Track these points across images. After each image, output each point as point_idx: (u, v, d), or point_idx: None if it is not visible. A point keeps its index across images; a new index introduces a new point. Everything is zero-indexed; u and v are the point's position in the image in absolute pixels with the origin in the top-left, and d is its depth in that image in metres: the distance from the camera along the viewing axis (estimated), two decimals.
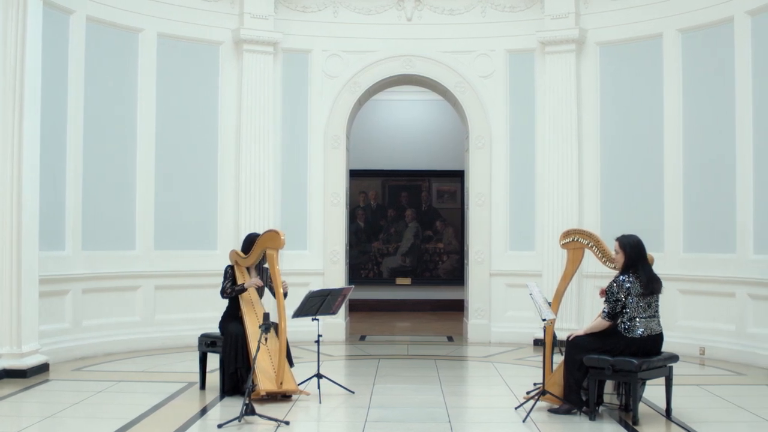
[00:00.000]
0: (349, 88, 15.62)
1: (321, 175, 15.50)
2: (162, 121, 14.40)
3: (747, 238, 12.94)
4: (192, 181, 14.74)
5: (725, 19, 13.28)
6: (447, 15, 15.54)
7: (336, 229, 15.59)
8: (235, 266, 10.70)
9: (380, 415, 9.44)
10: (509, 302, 15.26)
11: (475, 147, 15.55)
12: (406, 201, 21.51)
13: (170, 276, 14.46)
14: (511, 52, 15.44)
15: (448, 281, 21.24)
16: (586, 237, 9.83)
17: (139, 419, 9.10)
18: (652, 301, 9.16)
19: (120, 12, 13.84)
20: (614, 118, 14.75)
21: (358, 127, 18.45)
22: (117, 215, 13.94)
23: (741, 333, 13.05)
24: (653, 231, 13.89)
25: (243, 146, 14.87)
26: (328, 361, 12.95)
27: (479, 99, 15.50)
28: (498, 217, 15.43)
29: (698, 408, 9.85)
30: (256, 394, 9.74)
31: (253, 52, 14.96)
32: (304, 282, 14.19)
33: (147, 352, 13.71)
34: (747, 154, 12.95)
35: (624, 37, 14.61)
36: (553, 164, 14.86)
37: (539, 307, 9.54)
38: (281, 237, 10.13)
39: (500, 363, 13.11)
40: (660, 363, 9.20)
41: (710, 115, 13.62)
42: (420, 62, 15.65)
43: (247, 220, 14.69)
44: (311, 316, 10.20)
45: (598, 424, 9.05)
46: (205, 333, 10.87)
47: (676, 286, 13.57)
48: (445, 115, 20.03)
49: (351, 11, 15.55)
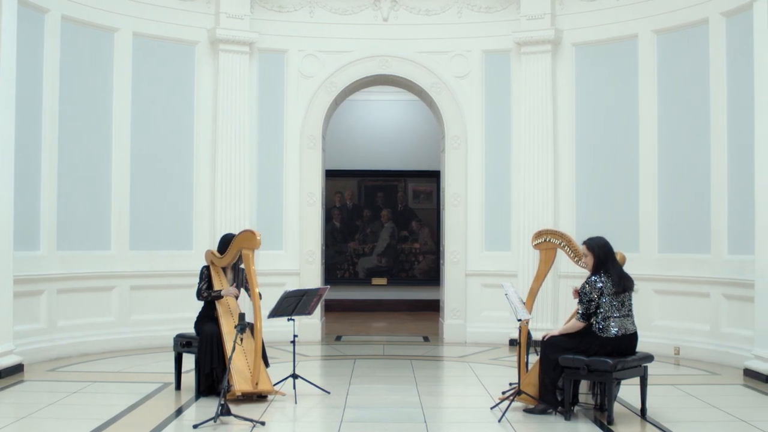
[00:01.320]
0: (326, 88, 15.61)
1: (297, 175, 15.48)
2: (138, 121, 14.35)
3: (721, 239, 13.00)
4: (167, 181, 14.70)
5: (700, 20, 13.33)
6: (423, 15, 15.55)
7: (312, 229, 15.58)
8: (210, 266, 10.68)
9: (356, 415, 9.44)
10: (485, 302, 15.29)
11: (450, 147, 15.57)
12: (382, 201, 21.52)
13: (146, 276, 14.42)
14: (487, 52, 15.46)
15: (423, 281, 21.25)
16: (557, 237, 9.86)
17: (115, 420, 9.08)
18: (625, 300, 9.19)
19: (95, 11, 13.78)
20: (590, 118, 14.79)
21: (335, 127, 18.45)
22: (92, 215, 13.88)
23: (715, 333, 13.10)
24: (628, 231, 13.96)
25: (219, 146, 14.83)
26: (303, 361, 12.95)
27: (455, 99, 15.52)
28: (474, 218, 15.45)
29: (673, 407, 9.89)
30: (232, 394, 9.73)
31: (229, 51, 14.93)
32: (279, 282, 14.19)
33: (122, 353, 13.66)
34: (721, 155, 13.00)
35: (599, 38, 14.65)
36: (529, 164, 14.89)
37: (514, 307, 9.55)
38: (257, 237, 10.12)
39: (476, 363, 13.13)
40: (635, 363, 9.23)
41: (685, 116, 13.68)
42: (396, 62, 15.66)
43: (222, 220, 14.66)
44: (287, 316, 10.19)
45: (573, 423, 9.08)
46: (181, 333, 10.84)
47: (651, 286, 13.63)
48: (421, 115, 20.04)
49: (327, 11, 15.54)
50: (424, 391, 10.84)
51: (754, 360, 11.67)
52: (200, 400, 10.07)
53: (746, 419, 9.29)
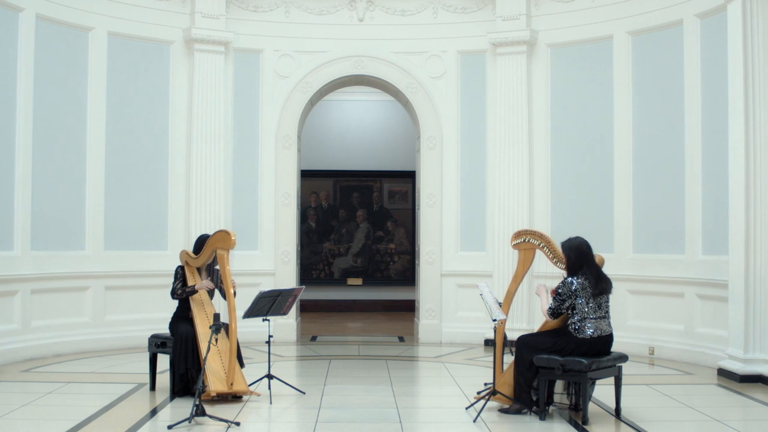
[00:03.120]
0: (301, 89, 15.60)
1: (272, 175, 15.46)
2: (112, 121, 14.30)
3: (696, 239, 13.06)
4: (142, 181, 14.65)
5: (675, 21, 13.39)
6: (399, 16, 15.56)
7: (287, 230, 15.56)
8: (185, 267, 10.66)
9: (331, 415, 9.44)
10: (460, 302, 15.31)
11: (426, 148, 15.58)
12: (357, 201, 21.51)
13: (120, 276, 14.36)
14: (463, 53, 15.49)
15: (399, 282, 21.28)
16: (537, 238, 9.85)
17: (89, 420, 9.04)
18: (602, 302, 9.22)
19: (70, 10, 13.73)
20: (565, 119, 14.83)
21: (310, 127, 18.44)
22: (66, 215, 13.82)
23: (690, 333, 13.16)
24: (603, 232, 14.00)
25: (194, 146, 14.79)
26: (279, 361, 12.93)
27: (430, 100, 15.54)
28: (449, 218, 15.47)
29: (647, 407, 9.92)
30: (207, 394, 9.71)
31: (204, 51, 14.89)
32: (254, 282, 14.15)
33: (97, 353, 13.61)
34: (696, 156, 13.07)
35: (574, 39, 14.69)
36: (504, 165, 14.91)
37: (490, 308, 9.56)
38: (232, 237, 10.10)
39: (451, 363, 13.14)
40: (609, 363, 9.26)
41: (660, 117, 13.73)
42: (372, 63, 15.66)
43: (197, 221, 14.63)
44: (262, 316, 10.18)
45: (548, 423, 9.10)
46: (155, 334, 10.81)
47: (626, 286, 13.67)
48: (397, 115, 20.07)
49: (303, 11, 15.52)
50: (400, 391, 10.84)
51: (728, 360, 11.71)
52: (175, 400, 10.06)
53: (720, 419, 9.34)
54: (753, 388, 10.99)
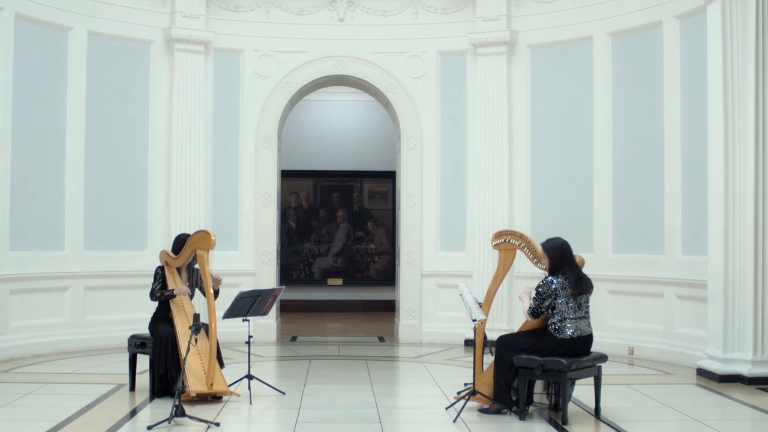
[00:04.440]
0: (281, 89, 15.58)
1: (252, 175, 15.43)
2: (92, 120, 14.24)
3: (675, 239, 13.10)
4: (122, 181, 14.60)
5: (654, 23, 13.43)
6: (379, 16, 15.56)
7: (267, 230, 15.54)
8: (165, 267, 10.63)
9: (311, 415, 9.43)
10: (440, 303, 15.32)
11: (406, 148, 15.59)
12: (337, 202, 21.51)
13: (100, 276, 14.31)
14: (443, 53, 15.50)
15: (379, 282, 21.28)
16: (517, 238, 9.85)
17: (68, 421, 9.01)
18: (582, 302, 9.24)
19: (50, 9, 13.67)
20: (545, 120, 14.86)
21: (290, 127, 18.42)
22: (46, 215, 13.76)
23: (669, 333, 13.21)
24: (583, 232, 14.03)
25: (174, 146, 14.75)
26: (258, 362, 12.92)
27: (411, 100, 15.55)
28: (429, 218, 15.48)
29: (627, 407, 9.95)
30: (187, 395, 9.69)
31: (184, 51, 14.85)
32: (234, 283, 14.10)
33: (76, 354, 13.56)
34: (675, 156, 13.11)
35: (555, 40, 14.72)
36: (484, 165, 14.92)
37: (470, 308, 9.57)
38: (212, 237, 10.09)
39: (431, 363, 13.15)
40: (589, 363, 9.29)
41: (639, 117, 13.77)
42: (352, 63, 15.66)
43: (177, 221, 14.59)
44: (242, 316, 10.16)
45: (528, 423, 9.11)
46: (135, 334, 10.78)
47: (605, 286, 13.68)
48: (377, 115, 20.06)
49: (283, 11, 15.51)
50: (380, 391, 10.84)
51: (707, 360, 11.75)
52: (155, 401, 10.03)
53: (699, 418, 9.37)
54: (732, 388, 11.03)
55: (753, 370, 11.25)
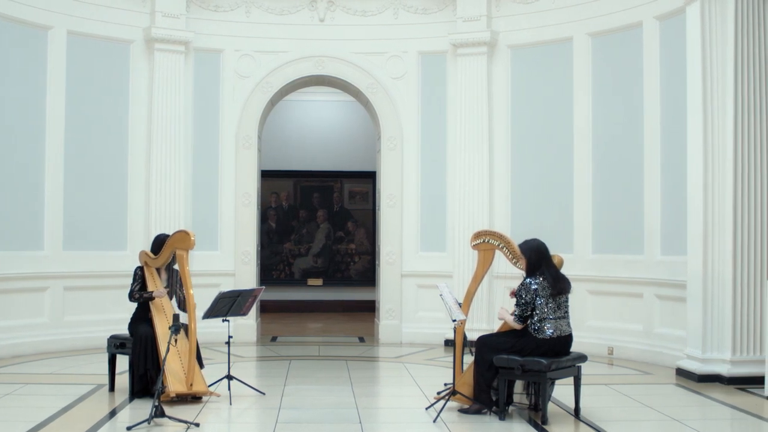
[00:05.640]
0: (262, 89, 15.56)
1: (232, 175, 15.41)
2: (72, 120, 14.20)
3: (654, 240, 13.14)
4: (102, 181, 14.55)
5: (634, 23, 13.47)
6: (359, 16, 15.56)
7: (247, 230, 15.52)
8: (144, 267, 10.60)
9: (291, 416, 9.43)
10: (420, 303, 15.33)
11: (386, 148, 15.59)
12: (317, 202, 21.49)
13: (79, 277, 14.25)
14: (424, 53, 15.51)
15: (359, 282, 21.27)
16: (496, 238, 9.87)
17: (47, 422, 8.99)
18: (561, 302, 9.26)
19: (29, 9, 13.61)
20: (525, 120, 14.88)
21: (270, 127, 18.39)
22: (25, 215, 13.70)
23: (648, 333, 13.25)
24: (563, 232, 14.07)
25: (154, 146, 14.71)
26: (238, 362, 12.89)
27: (391, 100, 15.55)
28: (409, 218, 15.49)
29: (606, 407, 9.98)
30: (166, 395, 9.67)
31: (164, 51, 14.81)
32: (214, 283, 14.09)
33: (56, 354, 13.51)
34: (655, 157, 13.16)
35: (535, 40, 14.75)
36: (465, 166, 14.94)
37: (449, 308, 9.58)
38: (191, 238, 10.07)
39: (411, 363, 13.15)
40: (569, 363, 9.31)
41: (619, 118, 13.81)
42: (332, 63, 15.65)
43: (157, 221, 14.55)
44: (222, 317, 10.15)
45: (508, 423, 9.13)
46: (115, 334, 10.75)
47: (585, 286, 13.72)
48: (358, 116, 20.04)
49: (263, 11, 15.49)
50: (360, 391, 10.84)
51: (686, 360, 11.79)
52: (134, 401, 10.01)
53: (678, 418, 9.41)
54: (711, 388, 11.07)
55: (732, 370, 11.28)
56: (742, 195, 11.38)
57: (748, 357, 11.32)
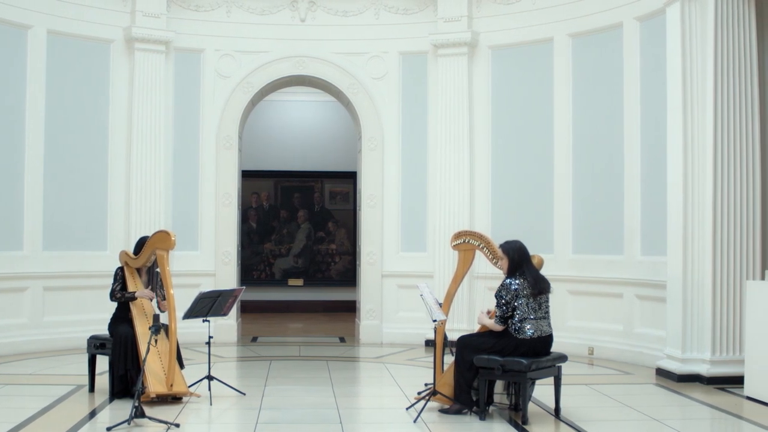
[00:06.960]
0: (242, 88, 15.54)
1: (213, 175, 15.39)
2: (51, 120, 14.15)
3: (634, 240, 13.17)
4: (82, 181, 14.50)
5: (614, 24, 13.50)
6: (341, 16, 15.55)
7: (228, 230, 15.50)
8: (125, 267, 10.58)
9: (271, 416, 9.42)
10: (401, 303, 15.34)
11: (367, 148, 15.60)
12: (298, 202, 21.48)
13: (59, 277, 14.21)
14: (404, 54, 15.52)
15: (340, 282, 21.27)
16: (476, 238, 9.89)
17: (27, 423, 8.95)
18: (542, 302, 9.28)
19: (8, 8, 13.56)
20: (506, 120, 14.90)
21: (251, 127, 18.37)
22: (4, 215, 13.65)
23: (628, 333, 13.28)
24: (543, 232, 14.10)
25: (134, 145, 14.68)
26: (219, 362, 12.88)
27: (372, 100, 15.56)
28: (390, 219, 15.50)
29: (586, 407, 10.00)
30: (146, 396, 9.64)
31: (144, 50, 14.78)
32: (195, 283, 14.08)
33: (35, 355, 13.46)
34: (635, 158, 13.19)
35: (515, 41, 14.77)
36: (445, 166, 14.96)
37: (430, 309, 9.58)
38: (172, 238, 10.05)
39: (392, 364, 13.16)
40: (549, 363, 9.32)
41: (600, 118, 13.84)
42: (313, 63, 15.64)
43: (137, 221, 14.52)
44: (202, 317, 10.13)
45: (488, 423, 9.14)
46: (95, 335, 10.71)
47: (566, 287, 13.75)
48: (338, 116, 20.05)
49: (244, 11, 15.47)
50: (340, 392, 10.84)
51: (666, 359, 11.83)
52: (114, 402, 9.98)
53: (658, 418, 9.43)
54: (690, 388, 11.10)
55: (711, 369, 11.31)
56: (721, 195, 11.40)
57: (727, 357, 11.36)
